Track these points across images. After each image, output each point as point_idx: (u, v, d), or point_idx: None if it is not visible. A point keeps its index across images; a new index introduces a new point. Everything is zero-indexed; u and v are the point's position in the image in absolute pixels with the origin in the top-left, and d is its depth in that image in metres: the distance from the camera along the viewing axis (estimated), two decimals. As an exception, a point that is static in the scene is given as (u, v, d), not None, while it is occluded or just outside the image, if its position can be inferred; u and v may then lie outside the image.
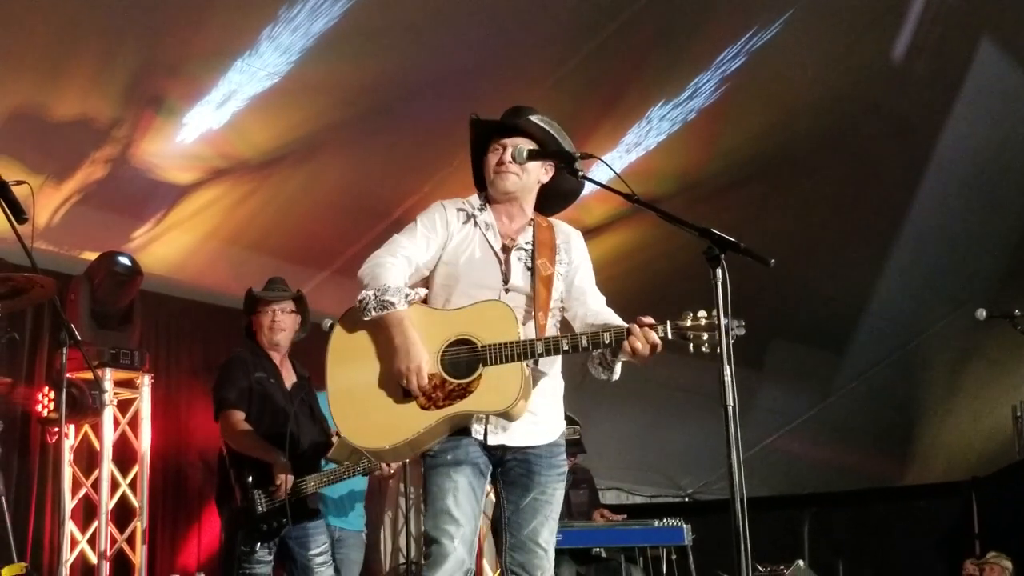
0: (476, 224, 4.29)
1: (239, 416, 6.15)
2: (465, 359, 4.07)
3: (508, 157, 4.22)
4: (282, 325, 6.41)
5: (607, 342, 4.01)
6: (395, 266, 4.16)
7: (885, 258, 11.58)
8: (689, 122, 9.25)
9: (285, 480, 6.00)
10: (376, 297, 4.08)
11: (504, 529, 4.22)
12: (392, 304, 4.07)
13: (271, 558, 6.10)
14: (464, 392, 4.05)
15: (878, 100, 9.70)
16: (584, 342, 4.04)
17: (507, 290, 4.20)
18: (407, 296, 4.11)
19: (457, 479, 4.08)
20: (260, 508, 6.01)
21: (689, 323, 3.98)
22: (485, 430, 4.13)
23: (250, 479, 6.03)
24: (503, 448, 4.17)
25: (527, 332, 4.10)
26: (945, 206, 11.02)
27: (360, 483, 7.18)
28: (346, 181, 8.58)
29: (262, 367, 6.29)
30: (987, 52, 9.58)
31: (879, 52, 9.33)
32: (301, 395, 6.42)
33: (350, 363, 4.19)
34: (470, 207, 4.33)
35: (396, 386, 4.08)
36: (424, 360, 4.04)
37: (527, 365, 4.04)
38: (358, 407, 4.14)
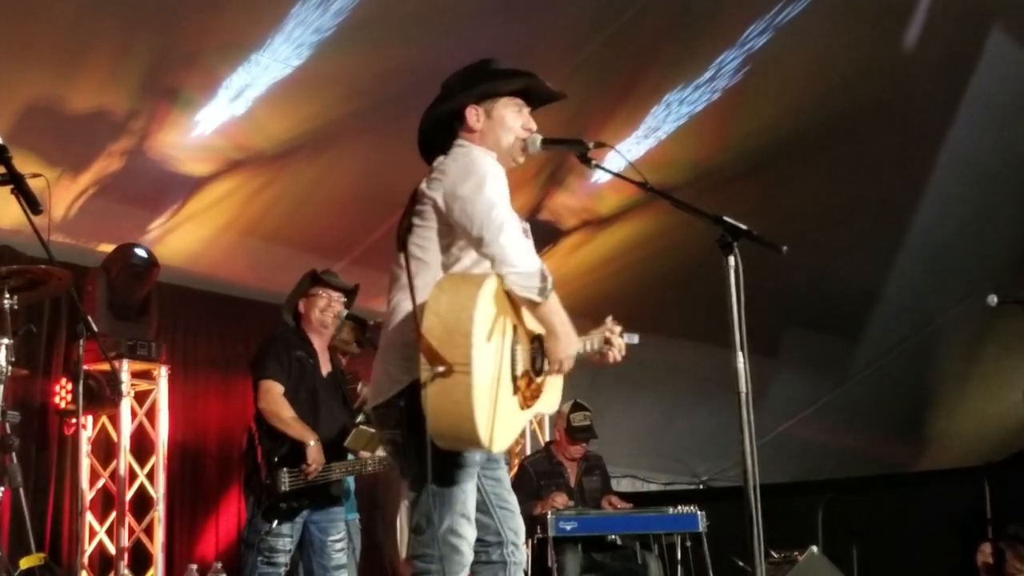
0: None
1: (277, 388, 6.14)
2: (537, 356, 3.89)
3: (535, 125, 4.03)
4: (336, 309, 6.48)
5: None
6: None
7: (898, 245, 11.57)
8: (699, 112, 9.25)
9: (315, 463, 6.02)
10: (546, 277, 3.66)
11: (490, 505, 4.00)
12: (552, 283, 3.71)
13: (292, 537, 6.13)
14: (539, 392, 3.92)
15: (890, 88, 9.69)
16: (596, 344, 4.06)
17: None
18: None
19: (475, 481, 3.90)
20: (284, 487, 6.02)
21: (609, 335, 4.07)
22: None
23: (277, 458, 6.06)
24: None
25: None
26: (957, 193, 11.01)
27: None
28: (362, 171, 8.60)
29: (302, 348, 6.32)
30: (998, 40, 9.56)
31: (890, 40, 9.31)
32: (335, 382, 6.47)
33: (488, 354, 3.62)
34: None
35: (509, 380, 3.73)
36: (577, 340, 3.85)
37: None
38: (494, 406, 3.62)
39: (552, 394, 4.01)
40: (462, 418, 3.56)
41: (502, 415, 3.66)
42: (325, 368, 6.44)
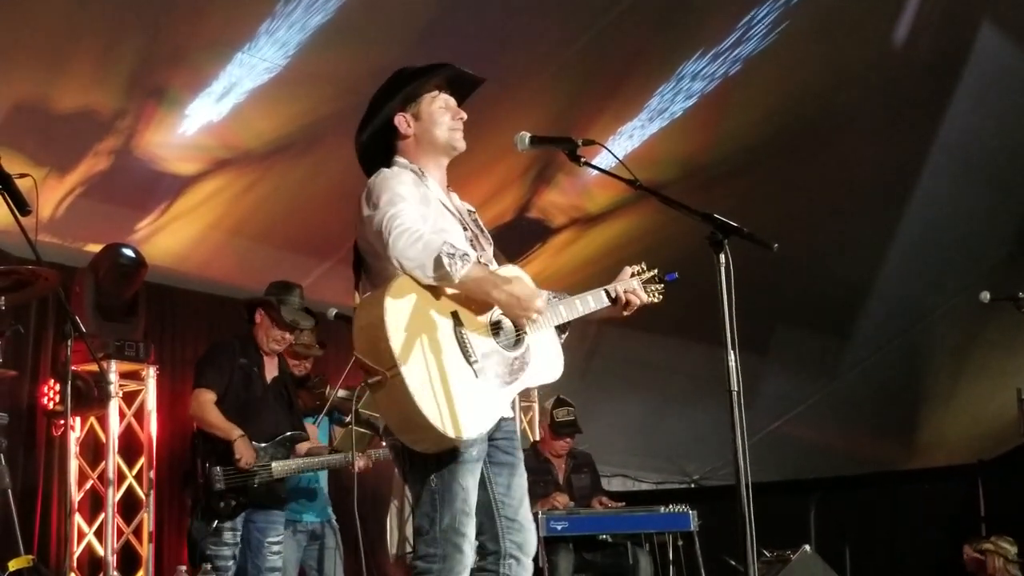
0: (431, 192, 4.01)
1: (208, 395, 6.38)
2: (507, 330, 3.93)
3: (463, 114, 4.09)
4: (286, 343, 6.79)
5: (605, 302, 4.16)
6: (425, 228, 3.78)
7: (889, 242, 11.56)
8: (687, 110, 9.23)
9: (244, 456, 6.10)
10: (453, 254, 3.66)
11: (496, 514, 3.97)
12: (468, 254, 3.74)
13: (236, 541, 6.16)
14: (522, 365, 3.92)
15: (879, 84, 9.67)
16: (592, 304, 4.13)
17: (479, 260, 3.93)
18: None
19: (476, 476, 3.87)
20: (218, 485, 6.09)
21: (647, 276, 4.28)
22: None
23: (208, 457, 6.15)
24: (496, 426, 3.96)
25: None
26: (949, 189, 11.00)
27: (323, 473, 7.20)
28: (350, 170, 8.43)
29: (247, 355, 6.46)
30: (988, 35, 9.55)
31: (880, 36, 9.30)
32: (279, 388, 6.55)
33: (418, 353, 3.69)
34: (415, 174, 4.03)
35: (465, 366, 3.75)
36: (535, 289, 3.86)
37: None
38: (445, 395, 3.68)
39: (545, 361, 3.99)
40: (413, 414, 3.63)
41: (463, 401, 3.70)
42: (270, 374, 6.60)
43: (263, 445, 6.31)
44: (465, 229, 4.05)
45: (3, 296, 5.15)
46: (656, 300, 4.33)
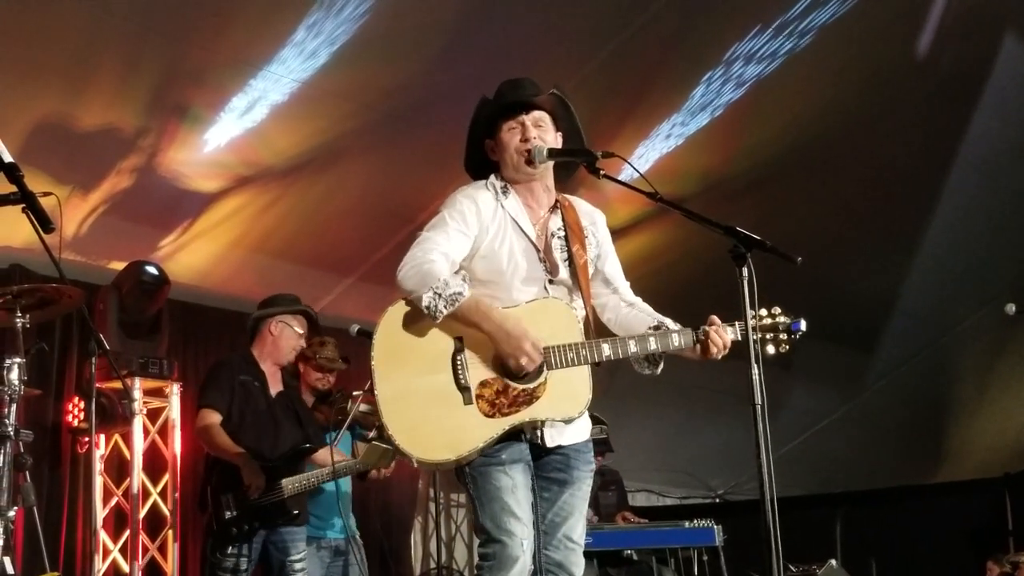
0: (505, 211, 4.05)
1: (213, 416, 6.26)
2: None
3: (532, 134, 4.06)
4: (299, 349, 6.66)
5: (677, 344, 3.97)
6: (438, 262, 3.85)
7: (913, 255, 11.52)
8: (709, 123, 9.21)
9: (252, 483, 6.05)
10: (441, 294, 3.77)
11: (536, 527, 3.94)
12: (461, 294, 3.79)
13: (247, 567, 6.11)
14: (531, 398, 3.87)
15: (903, 96, 9.64)
16: (652, 345, 3.97)
17: (551, 282, 4.02)
18: (467, 280, 3.92)
19: (515, 476, 3.86)
20: (229, 512, 6.05)
21: (768, 322, 4.04)
22: (542, 434, 3.95)
23: (218, 484, 6.11)
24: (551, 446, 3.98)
25: None
26: (972, 201, 10.96)
27: (347, 488, 7.15)
28: (370, 186, 8.58)
29: (248, 372, 6.42)
30: (1011, 46, 9.52)
31: (903, 47, 9.27)
32: (286, 402, 6.51)
33: (401, 369, 3.83)
34: (495, 191, 4.09)
35: (454, 391, 3.82)
36: (529, 333, 3.80)
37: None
38: (416, 416, 3.80)
39: (562, 398, 3.92)
40: (385, 428, 3.81)
41: (436, 423, 3.80)
42: (275, 388, 6.52)
43: (272, 463, 6.25)
44: (538, 250, 4.04)
45: (28, 314, 5.15)
46: (778, 349, 4.12)
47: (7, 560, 4.82)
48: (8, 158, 4.07)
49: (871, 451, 13.50)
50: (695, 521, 8.29)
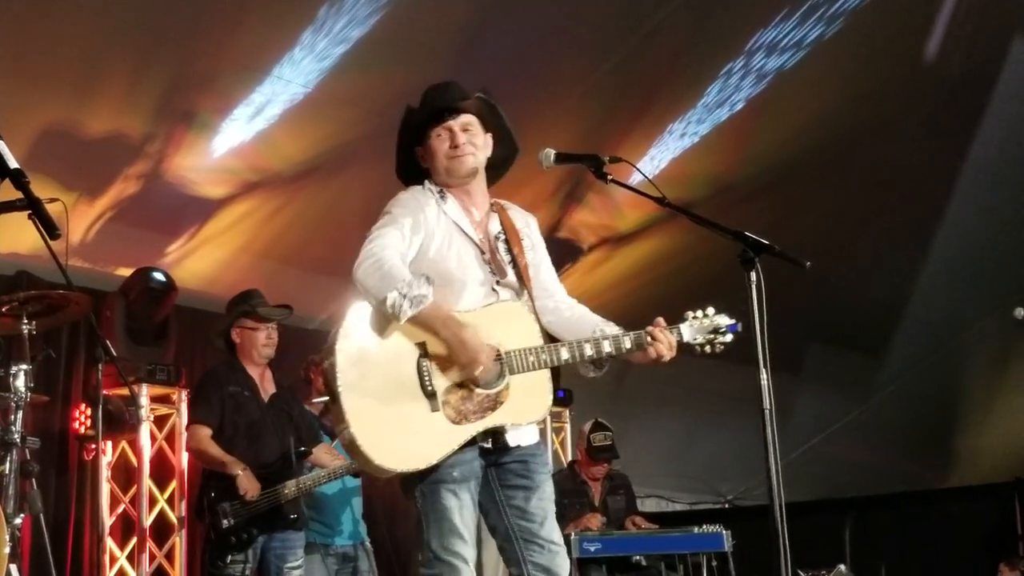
0: (447, 216, 4.01)
1: (203, 431, 6.27)
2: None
3: (462, 139, 4.02)
4: (274, 340, 6.60)
5: (629, 347, 3.90)
6: (398, 262, 3.79)
7: (922, 259, 11.50)
8: (716, 128, 9.20)
9: (248, 491, 6.04)
10: (406, 295, 3.67)
11: (513, 537, 3.92)
12: (426, 296, 3.70)
13: (249, 563, 6.10)
14: (494, 403, 3.81)
15: (911, 100, 9.62)
16: (607, 347, 3.88)
17: (499, 283, 3.98)
18: (430, 283, 3.79)
19: (462, 497, 3.81)
20: (226, 522, 6.04)
21: (707, 323, 3.99)
22: (503, 436, 3.89)
23: (214, 494, 6.10)
24: (501, 450, 3.91)
25: None
26: (981, 205, 10.93)
27: (355, 494, 7.12)
28: (378, 192, 8.46)
29: (236, 381, 6.41)
30: (1020, 49, 9.49)
31: (911, 52, 9.25)
32: (280, 404, 6.49)
33: (367, 377, 3.74)
34: (434, 195, 4.05)
35: (421, 398, 3.74)
36: (484, 344, 3.73)
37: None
38: (384, 426, 3.71)
39: (526, 402, 3.87)
40: (351, 438, 3.69)
41: (404, 431, 3.72)
42: (267, 391, 6.52)
43: (268, 469, 6.23)
44: (483, 253, 4.01)
45: (34, 321, 5.17)
46: (714, 350, 4.05)
47: (14, 568, 4.81)
48: (14, 164, 4.06)
49: (881, 456, 13.45)
50: (704, 527, 8.27)
